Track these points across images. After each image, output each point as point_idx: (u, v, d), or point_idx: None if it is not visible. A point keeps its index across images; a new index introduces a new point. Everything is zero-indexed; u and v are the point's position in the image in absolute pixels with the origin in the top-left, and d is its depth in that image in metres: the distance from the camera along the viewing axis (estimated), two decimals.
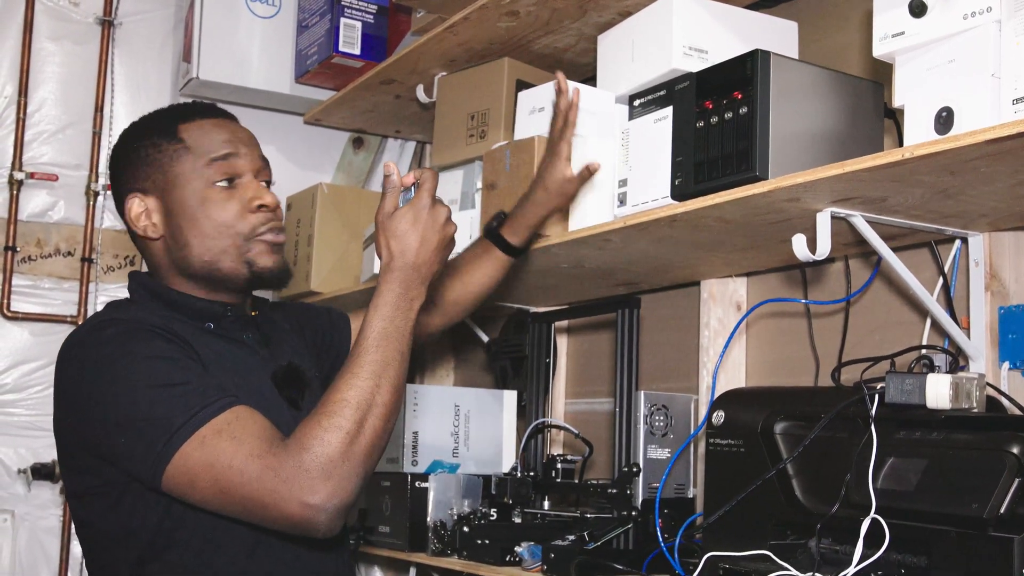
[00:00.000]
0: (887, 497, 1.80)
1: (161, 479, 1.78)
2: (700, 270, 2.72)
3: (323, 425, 1.75)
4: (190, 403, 1.78)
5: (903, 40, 1.85)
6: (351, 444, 1.74)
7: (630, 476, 2.46)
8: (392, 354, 1.85)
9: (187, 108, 2.13)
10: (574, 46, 2.96)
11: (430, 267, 1.94)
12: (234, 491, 1.74)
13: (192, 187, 2.02)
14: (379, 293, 1.90)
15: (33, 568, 3.65)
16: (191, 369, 1.86)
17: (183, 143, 2.03)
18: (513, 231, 2.49)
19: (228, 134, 2.06)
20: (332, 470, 1.72)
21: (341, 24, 3.57)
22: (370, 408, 1.78)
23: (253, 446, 1.74)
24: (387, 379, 1.82)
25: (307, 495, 1.71)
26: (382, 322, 1.87)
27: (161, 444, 1.76)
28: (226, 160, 2.03)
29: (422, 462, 3.08)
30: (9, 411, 3.66)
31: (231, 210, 2.02)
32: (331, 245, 3.50)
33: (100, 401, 1.84)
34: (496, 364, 3.33)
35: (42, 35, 3.78)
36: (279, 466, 1.72)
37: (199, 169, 2.02)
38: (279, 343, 2.18)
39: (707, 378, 2.70)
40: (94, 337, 1.93)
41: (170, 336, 1.90)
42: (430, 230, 1.93)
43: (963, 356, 2.17)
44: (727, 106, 2.10)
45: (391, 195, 1.96)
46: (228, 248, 2.02)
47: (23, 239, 3.72)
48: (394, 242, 1.92)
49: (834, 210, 2.02)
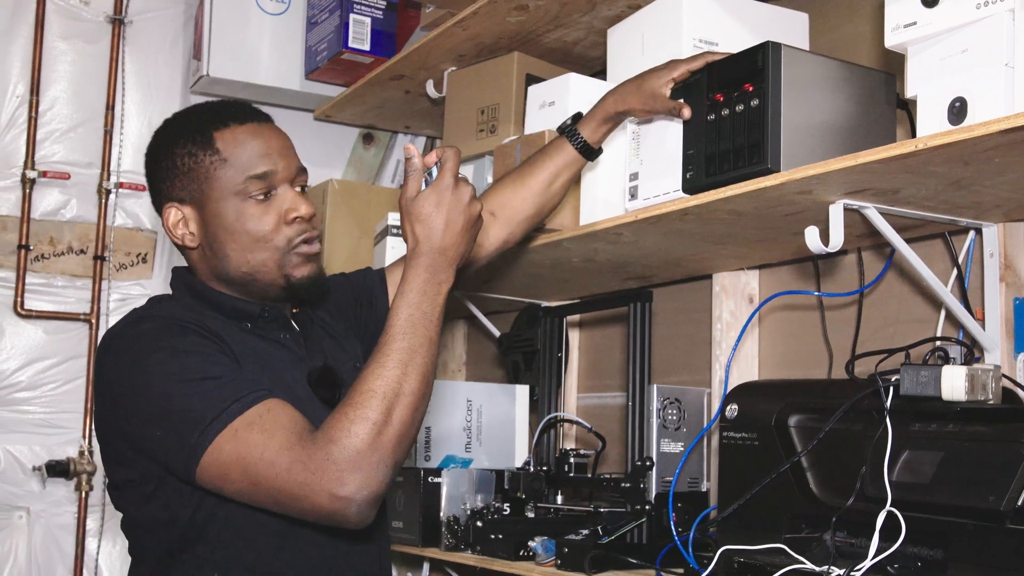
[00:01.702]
0: (903, 490, 1.80)
1: (195, 472, 1.79)
2: (712, 263, 2.71)
3: (350, 416, 1.74)
4: (223, 396, 1.79)
5: (915, 30, 1.84)
6: (379, 435, 1.73)
7: (643, 470, 2.46)
8: (420, 340, 1.83)
9: (222, 111, 2.08)
10: (583, 40, 2.95)
11: (457, 249, 1.91)
12: (265, 483, 1.74)
13: (229, 200, 2.00)
14: (406, 279, 1.88)
15: (49, 565, 3.65)
16: (224, 364, 1.86)
17: (219, 154, 2.00)
18: (588, 125, 2.40)
19: (264, 145, 2.03)
20: (360, 461, 1.71)
21: (350, 20, 3.57)
22: (398, 397, 1.77)
23: (283, 438, 1.74)
24: (415, 367, 1.81)
25: (336, 487, 1.70)
26: (408, 308, 1.85)
27: (194, 437, 1.77)
28: (263, 176, 2.00)
29: (435, 457, 3.08)
30: (23, 408, 3.67)
31: (268, 223, 2.00)
32: (342, 241, 3.50)
33: (135, 395, 1.85)
34: (508, 359, 3.32)
35: (53, 34, 3.79)
36: (308, 458, 1.72)
37: (236, 184, 1.99)
38: (317, 340, 2.17)
39: (720, 371, 2.69)
40: (130, 332, 1.94)
41: (204, 331, 1.90)
42: (455, 211, 1.91)
43: (978, 347, 2.16)
44: (738, 98, 2.09)
45: (413, 178, 1.93)
46: (266, 260, 2.01)
47: (36, 237, 3.72)
48: (419, 226, 1.90)
49: (847, 202, 2.01)
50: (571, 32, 2.91)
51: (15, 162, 3.71)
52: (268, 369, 1.98)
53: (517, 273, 2.94)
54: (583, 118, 2.41)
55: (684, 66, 2.25)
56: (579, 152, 2.40)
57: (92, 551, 3.70)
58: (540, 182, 2.41)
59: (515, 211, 2.44)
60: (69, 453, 3.67)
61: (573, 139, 2.39)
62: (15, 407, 3.66)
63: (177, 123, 2.09)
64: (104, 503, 3.66)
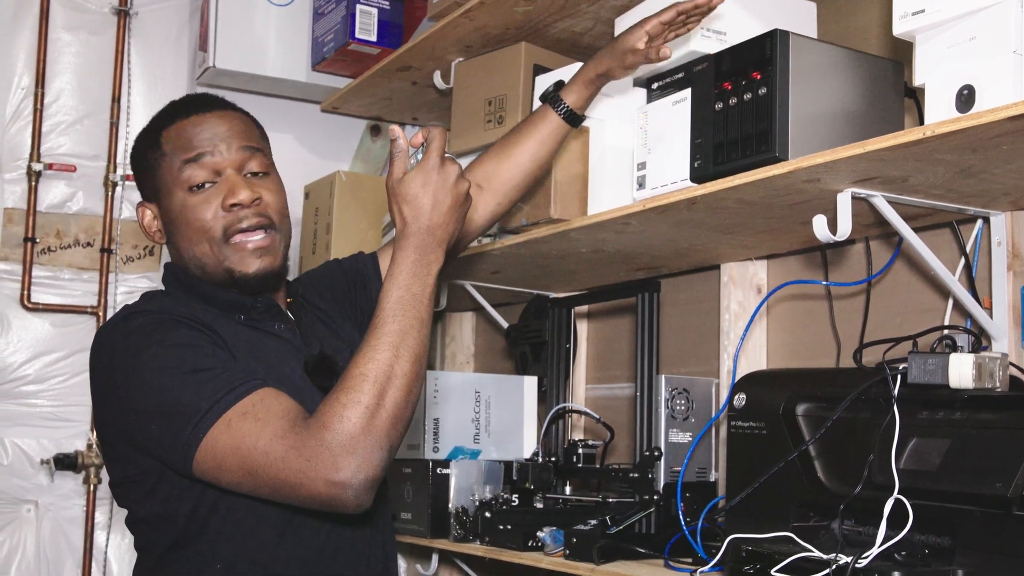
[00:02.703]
0: (910, 477, 1.80)
1: (192, 465, 1.79)
2: (720, 253, 2.71)
3: (342, 401, 1.74)
4: (216, 388, 1.79)
5: (923, 18, 1.83)
6: (372, 418, 1.73)
7: (652, 460, 2.46)
8: (410, 322, 1.82)
9: (174, 110, 2.10)
10: (591, 29, 2.95)
11: (445, 228, 1.90)
12: (261, 472, 1.75)
13: (175, 192, 2.02)
14: (395, 260, 1.88)
15: (57, 558, 3.66)
16: (217, 356, 1.87)
17: (161, 149, 2.03)
18: (570, 92, 2.42)
19: (204, 131, 2.03)
20: (355, 446, 1.71)
21: (357, 11, 3.57)
22: (389, 380, 1.76)
23: (277, 426, 1.75)
24: (406, 348, 1.80)
25: (331, 472, 1.70)
26: (398, 290, 1.84)
27: (189, 430, 1.77)
28: (197, 161, 2.00)
29: (443, 448, 3.08)
30: (31, 402, 3.67)
31: (206, 212, 1.99)
32: (350, 233, 3.50)
33: (129, 390, 1.86)
34: (516, 350, 3.33)
35: (58, 26, 3.79)
36: (302, 445, 1.72)
37: (175, 174, 2.01)
38: (312, 328, 2.18)
39: (728, 361, 2.69)
40: (122, 328, 1.94)
41: (196, 324, 1.91)
42: (441, 190, 1.89)
43: (985, 336, 2.16)
44: (746, 87, 2.09)
45: (399, 160, 1.92)
46: (207, 253, 2.01)
47: (42, 230, 3.72)
48: (406, 207, 1.89)
49: (855, 190, 2.01)
50: (578, 22, 2.90)
51: (21, 154, 3.71)
52: (263, 361, 1.98)
53: (525, 264, 2.94)
54: (565, 86, 2.43)
55: (655, 19, 2.27)
56: (563, 119, 2.42)
57: (101, 544, 3.70)
58: (527, 151, 2.42)
59: (503, 182, 2.44)
60: (77, 446, 3.67)
61: (557, 106, 2.41)
62: (22, 400, 3.67)
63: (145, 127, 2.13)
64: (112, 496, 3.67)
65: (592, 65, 2.39)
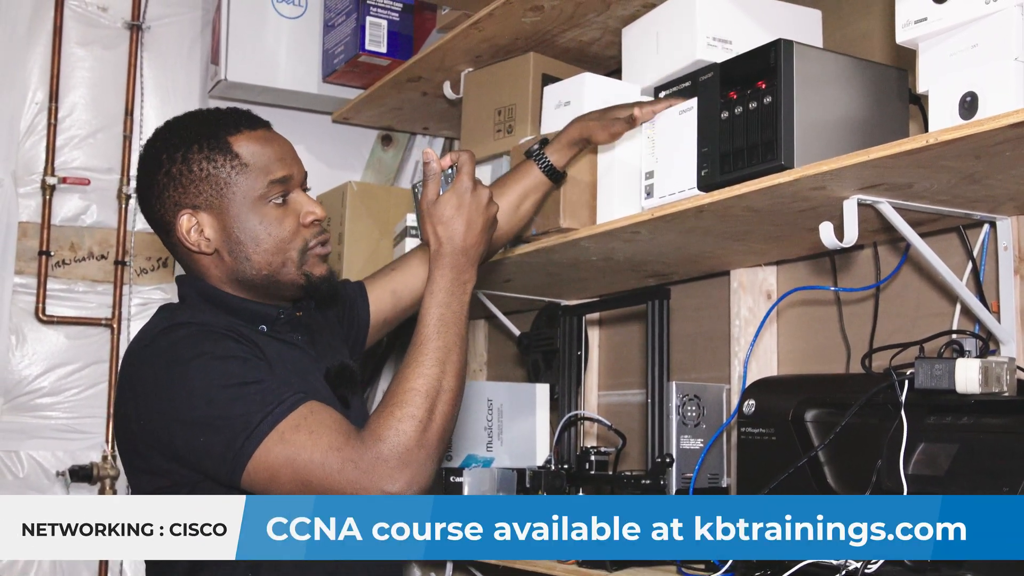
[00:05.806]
0: (918, 482, 1.81)
1: (241, 476, 1.82)
2: (729, 260, 2.72)
3: (396, 415, 1.80)
4: (266, 400, 1.82)
5: (926, 26, 1.85)
6: (424, 431, 1.80)
7: (664, 467, 2.47)
8: (453, 339, 1.90)
9: (226, 117, 2.09)
10: (599, 39, 2.96)
11: (477, 248, 1.99)
12: (316, 484, 1.78)
13: (250, 205, 2.03)
14: (432, 280, 1.95)
15: (73, 569, 3.67)
16: (262, 368, 1.90)
17: (239, 159, 2.02)
18: (554, 150, 2.49)
19: (279, 150, 2.07)
20: (409, 458, 1.77)
21: (367, 23, 3.59)
22: (438, 395, 1.84)
23: (331, 439, 1.79)
24: (451, 364, 1.88)
25: (387, 484, 1.76)
26: (439, 308, 1.92)
27: (241, 441, 1.80)
28: (285, 182, 2.05)
29: (456, 457, 3.09)
30: (46, 414, 3.69)
31: (288, 227, 2.05)
32: (361, 243, 3.52)
33: (175, 401, 1.87)
34: (528, 358, 3.34)
35: (71, 40, 3.82)
36: (358, 458, 1.77)
37: (258, 188, 2.02)
38: (322, 341, 2.21)
39: (738, 367, 2.70)
40: (165, 339, 1.94)
41: (238, 337, 1.93)
42: (475, 213, 1.98)
43: (993, 340, 2.16)
44: (751, 96, 2.10)
45: (432, 182, 2.00)
46: (287, 262, 2.05)
47: (56, 243, 3.75)
48: (441, 228, 1.97)
49: (861, 197, 2.02)
50: (586, 32, 2.92)
51: (35, 168, 3.74)
52: (293, 372, 2.01)
53: (536, 272, 2.95)
54: (549, 144, 2.50)
55: (649, 107, 2.36)
56: (545, 175, 2.49)
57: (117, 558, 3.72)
58: (509, 203, 2.46)
59: None
60: (92, 458, 3.69)
61: (540, 162, 2.48)
62: (38, 413, 3.69)
63: (182, 130, 2.08)
64: None
65: (577, 128, 2.46)
